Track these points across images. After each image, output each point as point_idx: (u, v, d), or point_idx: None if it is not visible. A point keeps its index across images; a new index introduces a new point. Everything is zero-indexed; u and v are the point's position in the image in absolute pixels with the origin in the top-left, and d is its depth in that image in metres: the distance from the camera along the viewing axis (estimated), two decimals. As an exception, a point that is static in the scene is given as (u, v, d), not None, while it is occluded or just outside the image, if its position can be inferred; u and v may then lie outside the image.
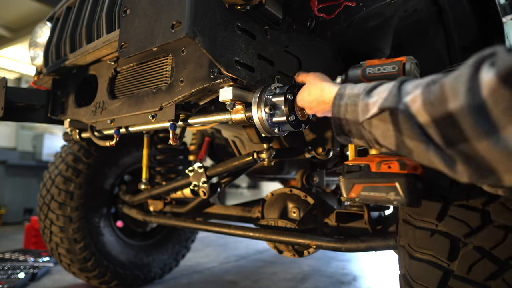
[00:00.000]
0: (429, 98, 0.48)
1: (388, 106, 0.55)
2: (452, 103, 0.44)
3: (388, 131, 0.57)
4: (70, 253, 1.95)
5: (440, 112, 0.46)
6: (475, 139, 0.43)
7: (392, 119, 0.55)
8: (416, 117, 0.51)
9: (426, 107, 0.48)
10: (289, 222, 1.42)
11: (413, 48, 1.59)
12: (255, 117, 0.92)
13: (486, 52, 0.44)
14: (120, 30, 0.90)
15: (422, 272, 0.75)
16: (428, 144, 0.50)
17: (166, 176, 1.98)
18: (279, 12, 0.96)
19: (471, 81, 0.42)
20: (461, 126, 0.44)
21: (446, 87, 0.46)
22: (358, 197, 0.81)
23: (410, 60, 0.82)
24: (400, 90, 0.55)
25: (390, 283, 2.54)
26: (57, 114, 1.64)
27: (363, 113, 0.62)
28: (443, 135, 0.48)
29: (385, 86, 0.60)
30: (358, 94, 0.65)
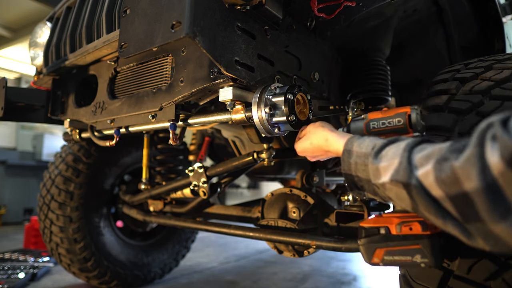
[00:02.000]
0: (441, 176, 0.48)
1: (400, 180, 0.56)
2: (466, 184, 0.45)
3: (402, 194, 0.57)
4: (70, 253, 1.95)
5: (455, 191, 0.47)
6: (490, 221, 0.44)
7: (406, 190, 0.55)
8: (429, 191, 0.51)
9: (439, 184, 0.49)
10: (289, 222, 1.42)
11: (413, 48, 1.59)
12: (255, 117, 0.92)
13: (483, 126, 0.45)
14: (120, 30, 0.90)
15: (422, 272, 0.75)
16: (445, 218, 0.51)
17: (166, 176, 1.98)
18: (279, 12, 0.96)
19: (480, 162, 0.43)
20: (477, 207, 0.45)
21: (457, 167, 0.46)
22: (382, 261, 0.78)
23: (415, 111, 0.79)
24: (411, 163, 0.55)
25: (390, 283, 2.54)
26: (57, 114, 1.64)
27: (374, 176, 0.62)
28: (459, 211, 0.48)
29: (393, 148, 0.60)
30: (366, 155, 0.65)
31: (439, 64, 1.53)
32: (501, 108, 0.78)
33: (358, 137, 0.71)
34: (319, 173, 1.71)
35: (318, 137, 0.82)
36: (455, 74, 0.94)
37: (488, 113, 0.79)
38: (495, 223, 0.43)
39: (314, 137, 0.82)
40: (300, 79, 1.13)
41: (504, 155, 0.40)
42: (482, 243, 0.48)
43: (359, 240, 0.81)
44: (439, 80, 0.96)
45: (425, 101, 0.93)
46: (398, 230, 0.74)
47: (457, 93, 0.88)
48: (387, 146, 0.62)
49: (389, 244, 0.75)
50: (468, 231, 0.48)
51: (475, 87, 0.86)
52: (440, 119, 0.85)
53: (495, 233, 0.44)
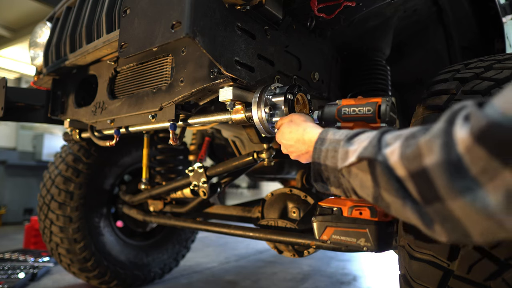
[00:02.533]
0: (406, 152, 0.47)
1: (366, 156, 0.54)
2: (427, 158, 0.43)
3: (366, 181, 0.55)
4: (70, 253, 1.95)
5: (416, 167, 0.45)
6: (449, 197, 0.42)
7: (370, 170, 0.54)
8: (394, 170, 0.49)
9: (403, 161, 0.47)
10: (289, 222, 1.42)
11: (413, 48, 1.59)
12: (255, 117, 0.92)
13: (457, 106, 0.44)
14: (120, 30, 0.90)
15: (422, 272, 0.75)
16: (405, 199, 0.49)
17: (166, 176, 1.98)
18: (279, 12, 0.96)
19: (446, 135, 0.42)
20: (436, 183, 0.43)
21: (421, 141, 0.45)
22: (330, 240, 0.83)
23: (386, 102, 0.79)
24: (380, 141, 0.54)
25: (390, 283, 2.54)
26: (57, 114, 1.64)
27: (342, 160, 0.61)
28: (420, 191, 0.46)
29: (366, 134, 0.59)
30: (339, 140, 0.64)
31: (439, 64, 1.53)
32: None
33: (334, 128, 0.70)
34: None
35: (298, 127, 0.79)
36: (455, 74, 0.94)
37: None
38: (454, 199, 0.41)
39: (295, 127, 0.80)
40: (300, 79, 1.14)
41: (474, 130, 0.38)
42: (440, 230, 0.45)
43: (314, 217, 0.86)
44: (439, 80, 0.96)
45: (425, 101, 0.93)
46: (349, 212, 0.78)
47: (457, 93, 0.88)
48: (362, 133, 0.62)
49: (339, 224, 0.81)
50: (427, 215, 0.46)
51: (475, 87, 0.86)
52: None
53: (453, 213, 0.42)
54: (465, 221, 0.42)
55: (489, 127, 0.37)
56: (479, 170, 0.39)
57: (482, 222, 0.40)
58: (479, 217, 0.40)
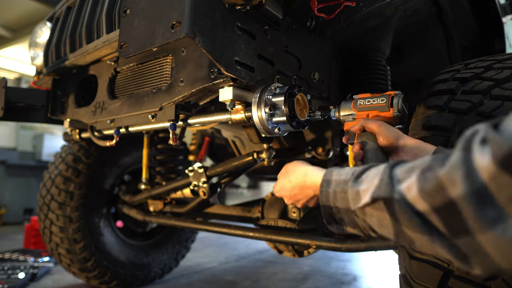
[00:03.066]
0: (425, 187, 0.45)
1: (381, 196, 0.51)
2: (451, 191, 0.41)
3: (384, 220, 0.53)
4: (70, 253, 1.95)
5: (440, 201, 0.43)
6: (478, 230, 0.40)
7: (387, 208, 0.51)
8: (413, 206, 0.47)
9: (423, 196, 0.45)
10: (289, 222, 1.42)
11: (413, 48, 1.59)
12: (255, 117, 0.92)
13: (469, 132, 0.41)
14: (120, 30, 0.90)
15: (422, 272, 0.75)
16: (432, 235, 0.46)
17: (166, 176, 1.98)
18: (279, 12, 0.96)
19: (466, 165, 0.40)
20: (463, 215, 0.40)
21: (441, 174, 0.43)
22: None
23: (398, 95, 0.87)
24: (392, 177, 0.51)
25: (390, 283, 2.54)
26: (57, 114, 1.64)
27: (354, 202, 0.58)
28: (446, 224, 0.43)
29: (374, 171, 0.56)
30: (346, 181, 0.61)
31: (439, 64, 1.53)
32: (501, 108, 0.78)
33: (337, 168, 0.67)
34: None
35: (297, 174, 0.76)
36: (455, 74, 0.94)
37: (488, 113, 0.79)
38: (483, 232, 0.39)
39: (293, 175, 0.76)
40: (300, 79, 1.13)
41: (497, 156, 0.36)
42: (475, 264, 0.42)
43: None
44: (439, 80, 0.96)
45: (425, 101, 0.93)
46: None
47: (457, 93, 0.88)
48: (368, 170, 0.58)
49: None
50: (459, 250, 0.43)
51: (475, 87, 0.86)
52: (440, 119, 0.85)
53: (483, 247, 0.40)
54: (495, 254, 0.40)
55: None
56: (507, 198, 0.37)
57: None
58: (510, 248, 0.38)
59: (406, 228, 0.49)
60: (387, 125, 0.82)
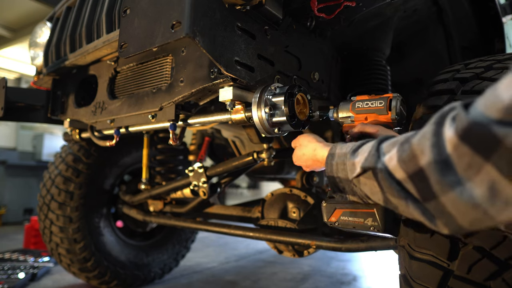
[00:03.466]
0: (402, 156, 0.51)
1: (368, 165, 0.59)
2: (421, 159, 0.47)
3: (374, 188, 0.60)
4: (70, 253, 1.95)
5: (413, 168, 0.49)
6: (440, 193, 0.46)
7: (375, 177, 0.58)
8: (393, 174, 0.53)
9: (400, 164, 0.51)
10: (289, 222, 1.42)
11: (413, 48, 1.59)
12: (255, 117, 0.92)
13: (446, 108, 0.47)
14: (120, 30, 0.90)
15: (422, 272, 0.75)
16: (407, 200, 0.53)
17: (166, 176, 1.98)
18: (279, 12, 0.96)
19: (435, 137, 0.46)
20: (430, 181, 0.47)
21: (414, 144, 0.49)
22: (338, 221, 0.86)
23: (397, 98, 0.87)
24: (378, 150, 0.58)
25: (390, 283, 2.54)
26: (57, 114, 1.64)
27: (351, 172, 0.66)
28: (418, 189, 0.50)
29: (367, 145, 0.63)
30: (345, 154, 0.69)
31: (439, 64, 1.53)
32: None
33: (341, 143, 0.76)
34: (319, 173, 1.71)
35: (308, 148, 0.87)
36: (455, 74, 0.94)
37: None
38: (444, 194, 0.45)
39: (305, 148, 0.88)
40: (300, 79, 1.14)
41: (458, 129, 0.42)
42: (440, 223, 0.49)
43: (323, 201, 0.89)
44: (439, 80, 0.96)
45: (425, 101, 0.93)
46: None
47: (457, 93, 0.88)
48: (364, 144, 0.66)
49: (347, 206, 0.83)
50: (428, 211, 0.50)
51: (475, 87, 0.86)
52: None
53: (446, 208, 0.46)
54: (455, 214, 0.46)
55: (471, 126, 0.41)
56: (465, 166, 0.43)
57: (469, 212, 0.44)
58: (467, 208, 0.44)
59: (389, 195, 0.56)
60: (385, 130, 0.86)
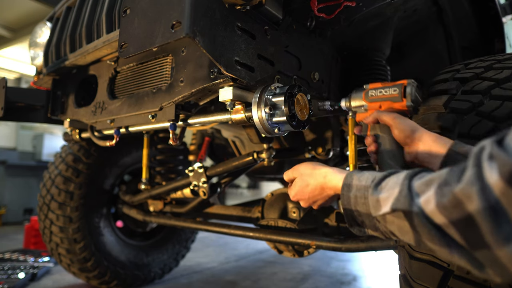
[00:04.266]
0: (443, 202, 0.47)
1: (401, 208, 0.54)
2: (468, 205, 0.43)
3: (404, 227, 0.55)
4: (70, 253, 1.95)
5: (457, 215, 0.45)
6: (495, 245, 0.42)
7: (407, 219, 0.54)
8: (432, 219, 0.49)
9: (441, 210, 0.47)
10: (289, 222, 1.42)
11: (413, 48, 1.59)
12: (255, 117, 0.92)
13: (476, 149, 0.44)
14: (120, 30, 0.90)
15: (422, 272, 0.75)
16: (450, 247, 0.48)
17: (166, 176, 1.98)
18: (279, 12, 0.96)
19: (479, 181, 0.42)
20: (481, 229, 0.43)
21: (457, 190, 0.45)
22: None
23: (411, 84, 0.83)
24: (411, 190, 0.53)
25: (390, 283, 2.54)
26: (57, 114, 1.64)
27: (375, 209, 0.61)
28: (464, 236, 0.46)
29: (394, 179, 0.58)
30: (366, 187, 0.63)
31: (439, 64, 1.53)
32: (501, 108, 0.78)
33: (357, 171, 0.69)
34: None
35: (315, 177, 0.77)
36: (455, 74, 0.94)
37: (488, 113, 0.79)
38: (500, 247, 0.41)
39: (312, 178, 0.77)
40: (300, 79, 1.14)
41: (503, 173, 0.39)
42: (492, 273, 0.45)
43: None
44: (439, 80, 0.96)
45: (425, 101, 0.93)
46: None
47: (457, 93, 0.88)
48: (387, 177, 0.61)
49: None
50: (476, 260, 0.45)
51: (475, 87, 0.86)
52: (440, 119, 0.85)
53: (501, 260, 0.42)
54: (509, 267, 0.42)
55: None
56: None
57: None
58: None
59: (425, 239, 0.52)
60: (402, 118, 0.81)
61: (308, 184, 0.78)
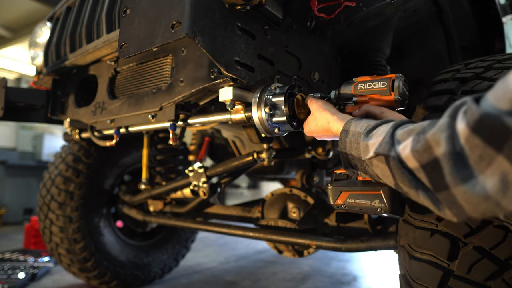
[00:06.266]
0: (416, 146, 0.52)
1: (381, 152, 0.61)
2: (436, 150, 0.49)
3: (386, 171, 0.62)
4: (70, 253, 1.95)
5: (426, 158, 0.50)
6: (453, 185, 0.47)
7: (387, 163, 0.60)
8: (406, 163, 0.55)
9: (414, 154, 0.53)
10: (289, 222, 1.42)
11: (413, 48, 1.59)
12: (255, 117, 0.92)
13: (458, 102, 0.48)
14: (120, 30, 0.90)
15: (422, 272, 0.75)
16: (417, 188, 0.55)
17: (166, 176, 1.98)
18: (279, 12, 0.96)
19: (450, 129, 0.47)
20: (443, 172, 0.48)
21: (429, 135, 0.50)
22: (344, 204, 0.85)
23: (399, 78, 0.85)
24: (393, 137, 0.60)
25: (390, 283, 2.54)
26: (57, 114, 1.64)
27: (364, 153, 0.68)
28: (430, 179, 0.51)
29: (382, 128, 0.65)
30: (359, 133, 0.70)
31: (439, 64, 1.53)
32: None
33: (356, 119, 0.76)
34: (319, 173, 1.71)
35: (322, 119, 0.86)
36: (455, 74, 0.94)
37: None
38: (456, 186, 0.46)
39: (319, 119, 0.87)
40: (300, 79, 1.14)
41: (470, 121, 0.43)
42: (449, 213, 0.51)
43: (329, 184, 0.88)
44: (439, 80, 0.96)
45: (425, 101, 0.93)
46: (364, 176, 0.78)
47: (457, 93, 0.88)
48: (379, 125, 0.67)
49: (353, 188, 0.83)
50: (438, 200, 0.51)
51: (475, 87, 0.86)
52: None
53: (457, 199, 0.47)
54: (465, 205, 0.47)
55: (482, 118, 0.42)
56: (477, 158, 0.44)
57: (481, 204, 0.45)
58: (479, 200, 0.45)
59: (400, 182, 0.58)
60: (389, 112, 0.85)
61: (316, 124, 0.88)
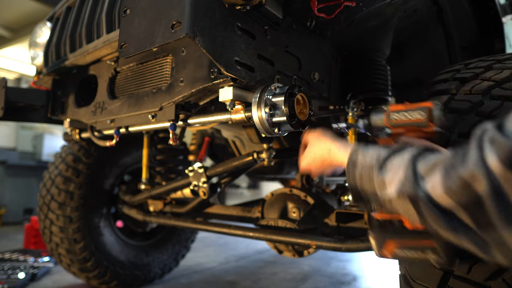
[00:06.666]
0: (450, 185, 0.47)
1: (406, 192, 0.54)
2: (477, 187, 0.44)
3: (409, 210, 0.55)
4: (70, 253, 1.95)
5: (467, 197, 0.46)
6: (501, 226, 0.43)
7: (413, 204, 0.54)
8: (439, 203, 0.49)
9: (449, 194, 0.48)
10: (289, 222, 1.42)
11: (413, 48, 1.59)
12: (255, 117, 0.92)
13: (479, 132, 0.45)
14: (120, 30, 0.90)
15: (422, 272, 0.75)
16: (456, 230, 0.49)
17: (166, 176, 1.98)
18: (279, 12, 0.96)
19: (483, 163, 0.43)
20: (488, 210, 0.44)
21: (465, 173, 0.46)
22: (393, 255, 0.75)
23: (437, 106, 0.78)
24: (416, 173, 0.54)
25: (390, 283, 2.54)
26: (57, 114, 1.64)
27: (380, 189, 0.61)
28: (473, 217, 0.46)
29: (398, 160, 0.59)
30: (371, 166, 0.63)
31: (439, 64, 1.53)
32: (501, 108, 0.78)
33: (362, 147, 0.69)
34: (319, 173, 1.70)
35: (320, 149, 0.79)
36: (455, 74, 0.94)
37: (488, 113, 0.79)
38: (505, 228, 0.42)
39: (317, 149, 0.80)
40: (300, 79, 1.14)
41: (500, 156, 0.40)
42: (499, 256, 0.46)
43: (370, 230, 0.78)
44: (439, 80, 0.96)
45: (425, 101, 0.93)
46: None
47: (457, 93, 0.88)
48: (391, 155, 0.61)
49: (402, 237, 0.72)
50: (483, 241, 0.46)
51: (475, 87, 0.86)
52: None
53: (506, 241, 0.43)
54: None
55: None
56: None
57: None
58: None
59: (431, 222, 0.52)
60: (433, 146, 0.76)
61: (314, 156, 0.81)
